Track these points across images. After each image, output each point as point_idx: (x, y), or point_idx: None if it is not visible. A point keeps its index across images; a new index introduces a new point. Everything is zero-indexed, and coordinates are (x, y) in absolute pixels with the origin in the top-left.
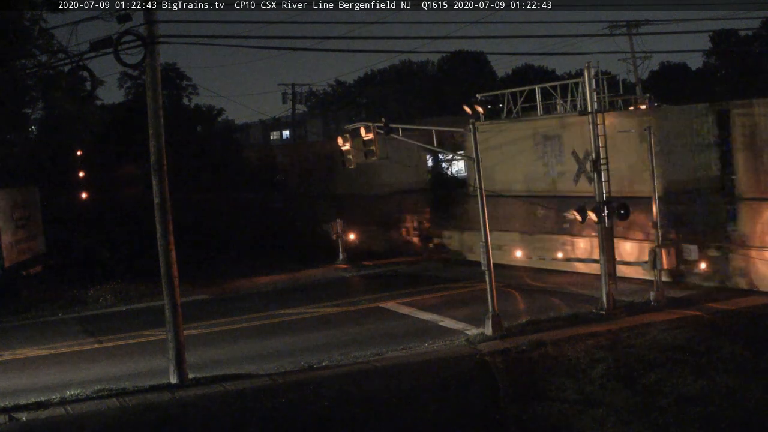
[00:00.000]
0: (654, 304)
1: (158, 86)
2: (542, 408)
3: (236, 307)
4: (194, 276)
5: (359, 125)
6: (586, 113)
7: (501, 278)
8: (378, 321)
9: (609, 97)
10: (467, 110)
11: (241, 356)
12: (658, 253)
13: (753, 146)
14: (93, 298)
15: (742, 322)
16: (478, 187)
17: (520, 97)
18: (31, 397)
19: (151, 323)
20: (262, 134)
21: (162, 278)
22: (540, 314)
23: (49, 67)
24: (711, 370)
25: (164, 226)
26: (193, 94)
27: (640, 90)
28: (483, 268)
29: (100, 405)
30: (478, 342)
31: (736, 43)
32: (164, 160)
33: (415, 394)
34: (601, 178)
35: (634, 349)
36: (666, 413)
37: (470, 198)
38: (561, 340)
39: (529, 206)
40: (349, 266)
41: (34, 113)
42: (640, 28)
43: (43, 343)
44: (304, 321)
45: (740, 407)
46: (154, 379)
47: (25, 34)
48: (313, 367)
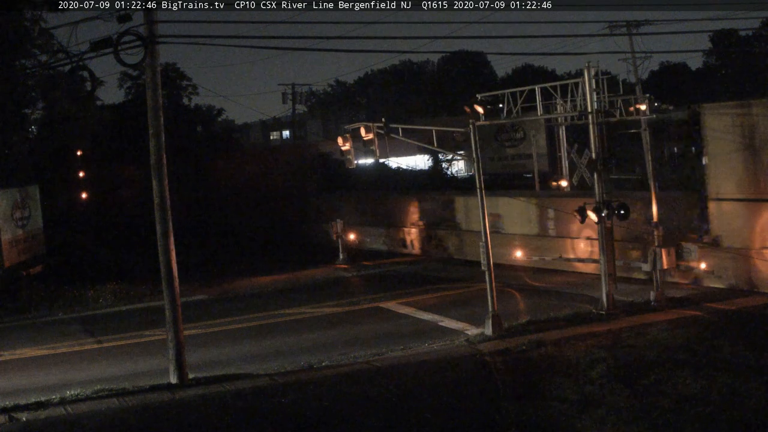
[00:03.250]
0: (654, 304)
1: (158, 86)
2: (542, 408)
3: (236, 307)
4: (194, 276)
5: (359, 125)
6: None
7: (501, 278)
8: (378, 321)
9: (609, 97)
10: (467, 110)
11: (241, 356)
12: (658, 253)
13: None
14: (93, 298)
15: (742, 322)
16: (478, 187)
17: (520, 97)
18: (31, 397)
19: (151, 323)
20: (262, 134)
21: (162, 278)
22: (540, 314)
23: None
24: (711, 370)
25: (164, 226)
26: (193, 94)
27: (640, 90)
28: (483, 268)
29: (100, 405)
30: (478, 342)
31: (736, 43)
32: (164, 160)
33: (415, 394)
34: (600, 177)
35: (634, 349)
36: (666, 413)
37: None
38: (561, 340)
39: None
40: (349, 266)
41: (34, 113)
42: (640, 28)
43: (43, 343)
44: (304, 321)
45: (740, 407)
46: (154, 379)
47: (25, 34)
48: (313, 367)
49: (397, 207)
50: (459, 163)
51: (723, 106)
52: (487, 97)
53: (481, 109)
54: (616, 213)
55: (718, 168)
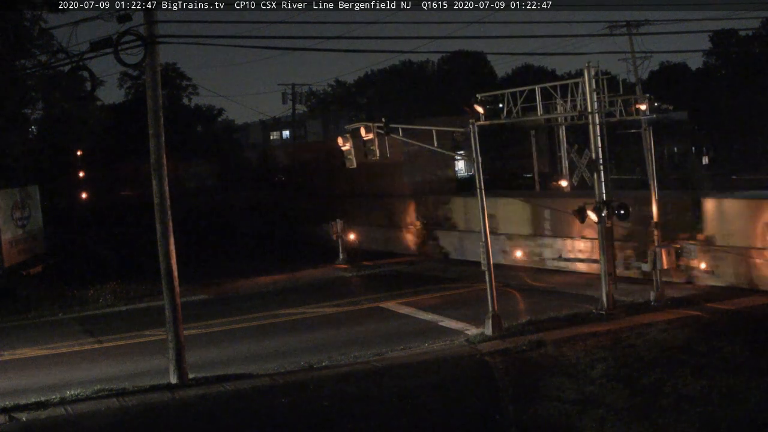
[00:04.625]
0: (654, 304)
1: (158, 86)
2: (542, 408)
3: (236, 307)
4: (194, 276)
5: (359, 125)
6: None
7: (501, 278)
8: (378, 321)
9: (609, 97)
10: (467, 110)
11: (241, 356)
12: (658, 253)
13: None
14: (93, 298)
15: (742, 322)
16: (478, 187)
17: (520, 97)
18: (31, 397)
19: (151, 323)
20: (262, 134)
21: (162, 278)
22: (540, 314)
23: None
24: (711, 370)
25: (164, 226)
26: (193, 94)
27: (640, 90)
28: (483, 268)
29: (100, 405)
30: (478, 342)
31: (736, 43)
32: (164, 159)
33: (415, 394)
34: (600, 178)
35: (634, 349)
36: (666, 413)
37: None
38: (561, 340)
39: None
40: (349, 266)
41: (34, 113)
42: (640, 28)
43: (43, 343)
44: (304, 321)
45: (740, 407)
46: (154, 379)
47: (25, 34)
48: (313, 367)
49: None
50: (459, 163)
51: None
52: (487, 97)
53: (481, 109)
54: (616, 213)
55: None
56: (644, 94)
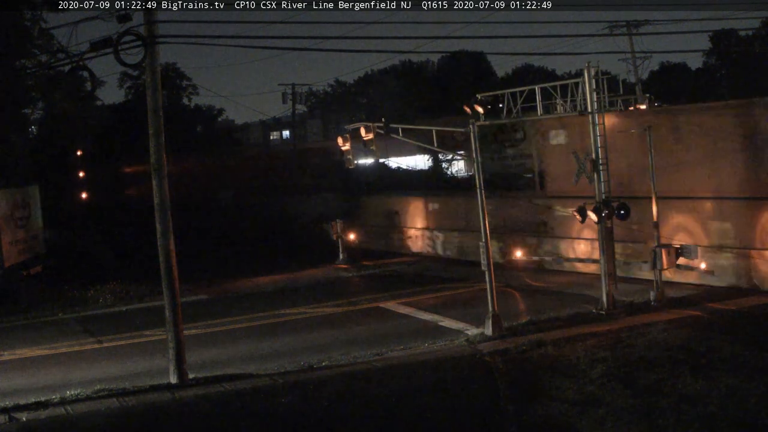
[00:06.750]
0: (654, 304)
1: (158, 86)
2: (542, 408)
3: (236, 307)
4: (194, 276)
5: (359, 125)
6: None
7: (501, 278)
8: (378, 321)
9: (609, 97)
10: (467, 110)
11: (241, 356)
12: (658, 252)
13: None
14: (93, 298)
15: (742, 322)
16: (478, 187)
17: (520, 97)
18: (31, 397)
19: (151, 323)
20: (262, 134)
21: (162, 278)
22: (540, 314)
23: (49, 67)
24: (711, 370)
25: (164, 226)
26: (193, 94)
27: (640, 90)
28: (483, 268)
29: (100, 405)
30: (478, 342)
31: (736, 43)
32: (164, 159)
33: (415, 394)
34: (600, 177)
35: (634, 349)
36: (666, 413)
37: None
38: (561, 340)
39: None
40: (349, 266)
41: (34, 113)
42: (640, 28)
43: (43, 343)
44: (304, 321)
45: (740, 407)
46: (154, 379)
47: (25, 34)
48: (313, 367)
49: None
50: (459, 163)
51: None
52: (487, 97)
53: (481, 109)
54: (616, 213)
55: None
56: (644, 94)
